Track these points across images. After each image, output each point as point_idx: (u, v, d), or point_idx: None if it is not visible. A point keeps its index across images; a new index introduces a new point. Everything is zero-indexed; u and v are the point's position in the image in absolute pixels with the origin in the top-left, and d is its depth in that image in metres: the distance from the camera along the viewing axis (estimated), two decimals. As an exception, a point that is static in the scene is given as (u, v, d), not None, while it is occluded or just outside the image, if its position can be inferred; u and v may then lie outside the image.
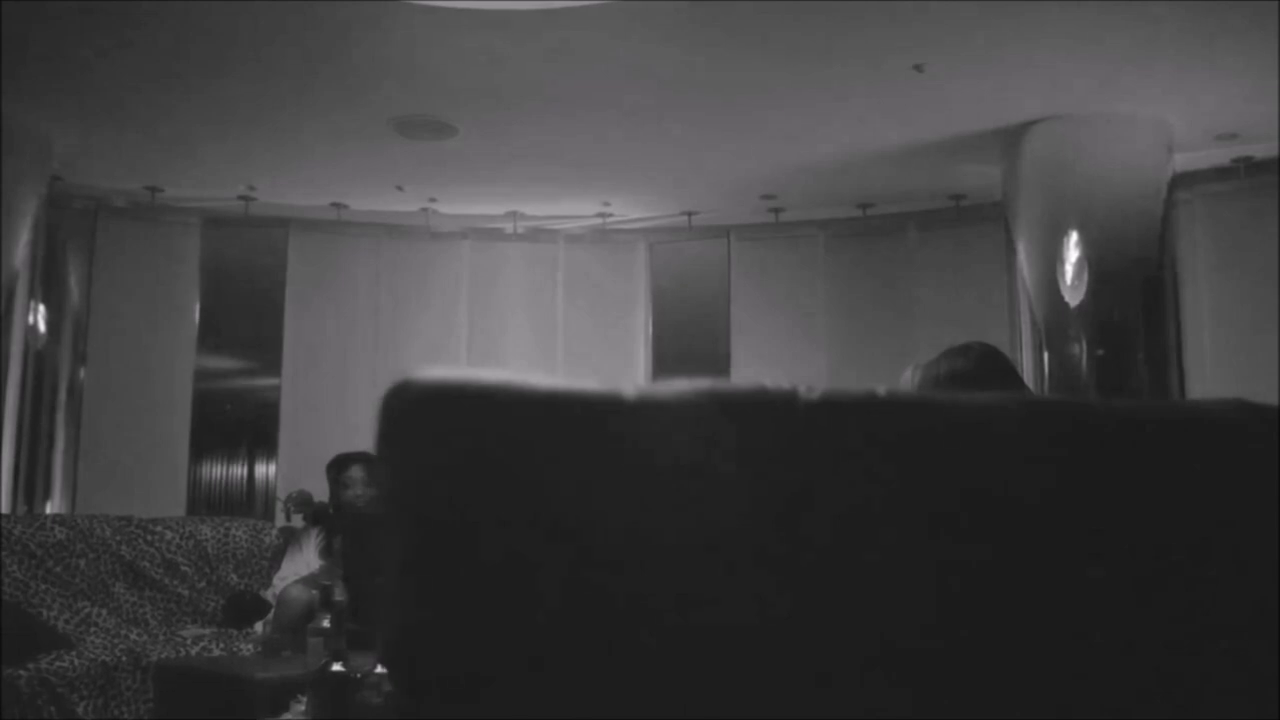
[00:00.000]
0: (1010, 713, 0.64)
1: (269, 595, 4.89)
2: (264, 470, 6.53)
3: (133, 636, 4.71)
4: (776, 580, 0.62)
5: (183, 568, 5.20)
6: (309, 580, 4.63)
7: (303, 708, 2.93)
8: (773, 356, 6.48)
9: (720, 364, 6.56)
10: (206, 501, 6.39)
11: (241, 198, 6.25)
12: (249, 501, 6.48)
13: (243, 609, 5.05)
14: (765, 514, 0.62)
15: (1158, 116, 5.03)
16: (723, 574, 0.62)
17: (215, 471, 6.49)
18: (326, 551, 4.81)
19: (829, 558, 0.63)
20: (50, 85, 4.74)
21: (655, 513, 0.61)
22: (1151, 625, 0.66)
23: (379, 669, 2.75)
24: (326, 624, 3.11)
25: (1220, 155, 5.49)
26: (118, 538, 5.11)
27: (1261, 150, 5.44)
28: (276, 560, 5.10)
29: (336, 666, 2.75)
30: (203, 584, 5.22)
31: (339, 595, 4.37)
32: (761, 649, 0.62)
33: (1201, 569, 0.67)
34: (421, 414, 0.62)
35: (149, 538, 5.18)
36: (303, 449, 5.99)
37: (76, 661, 4.33)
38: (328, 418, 6.38)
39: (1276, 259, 5.45)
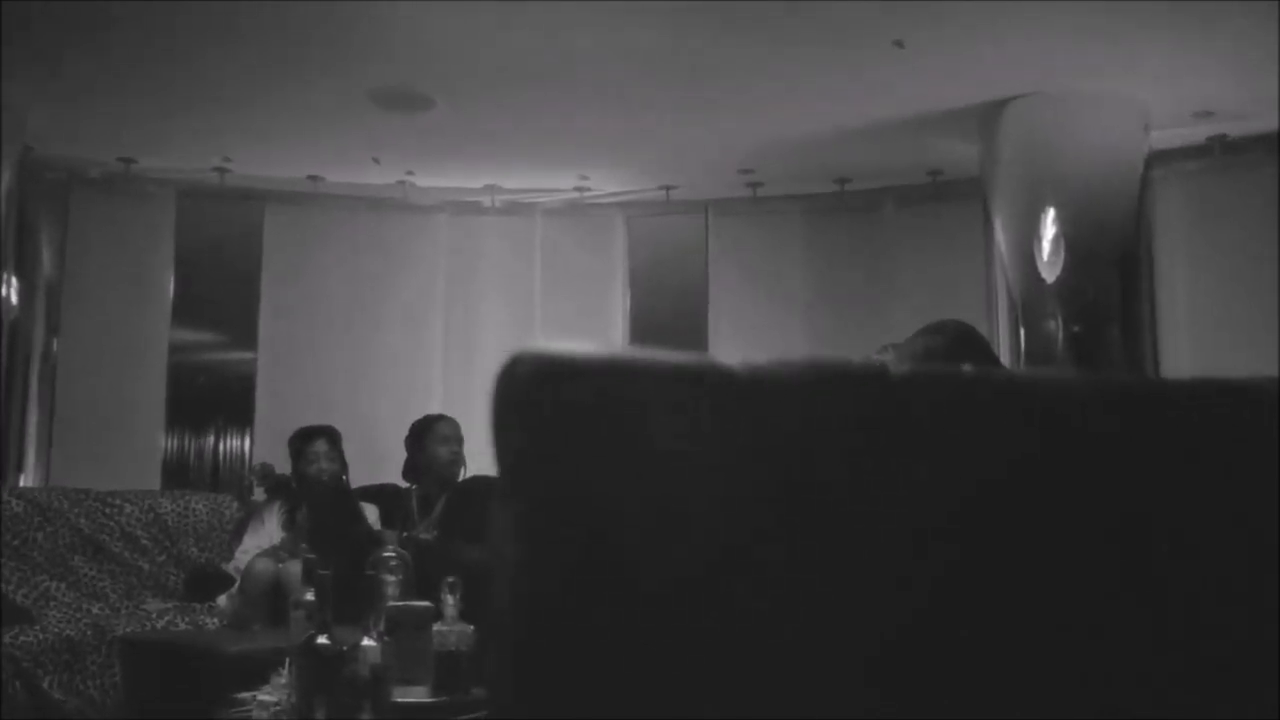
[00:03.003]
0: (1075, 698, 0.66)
1: (230, 569, 4.87)
2: (240, 444, 6.50)
3: (94, 610, 4.68)
4: (870, 555, 0.63)
5: (142, 541, 5.16)
6: (273, 553, 4.62)
7: (283, 681, 2.94)
8: (751, 331, 6.49)
9: (698, 339, 6.57)
10: (182, 475, 6.35)
11: (216, 170, 6.20)
12: (225, 475, 6.45)
13: (204, 582, 5.02)
14: (865, 488, 0.64)
15: (1134, 94, 5.05)
16: (826, 546, 0.63)
17: (191, 445, 6.47)
18: (289, 524, 4.80)
19: (922, 534, 0.64)
20: (22, 55, 4.68)
21: (764, 487, 0.62)
22: (1209, 610, 0.68)
23: (366, 641, 2.75)
24: (309, 597, 3.10)
25: (1196, 133, 5.52)
26: (75, 510, 5.07)
27: (1236, 128, 5.47)
28: (237, 533, 5.08)
29: (322, 640, 2.75)
30: (163, 557, 5.19)
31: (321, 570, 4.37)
32: (865, 623, 0.63)
33: (1241, 552, 0.68)
34: (536, 389, 0.62)
35: (108, 511, 5.14)
36: (278, 422, 5.95)
37: (40, 636, 4.31)
38: (304, 391, 6.36)
39: (1251, 236, 5.49)
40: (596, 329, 6.78)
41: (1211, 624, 0.68)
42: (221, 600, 4.72)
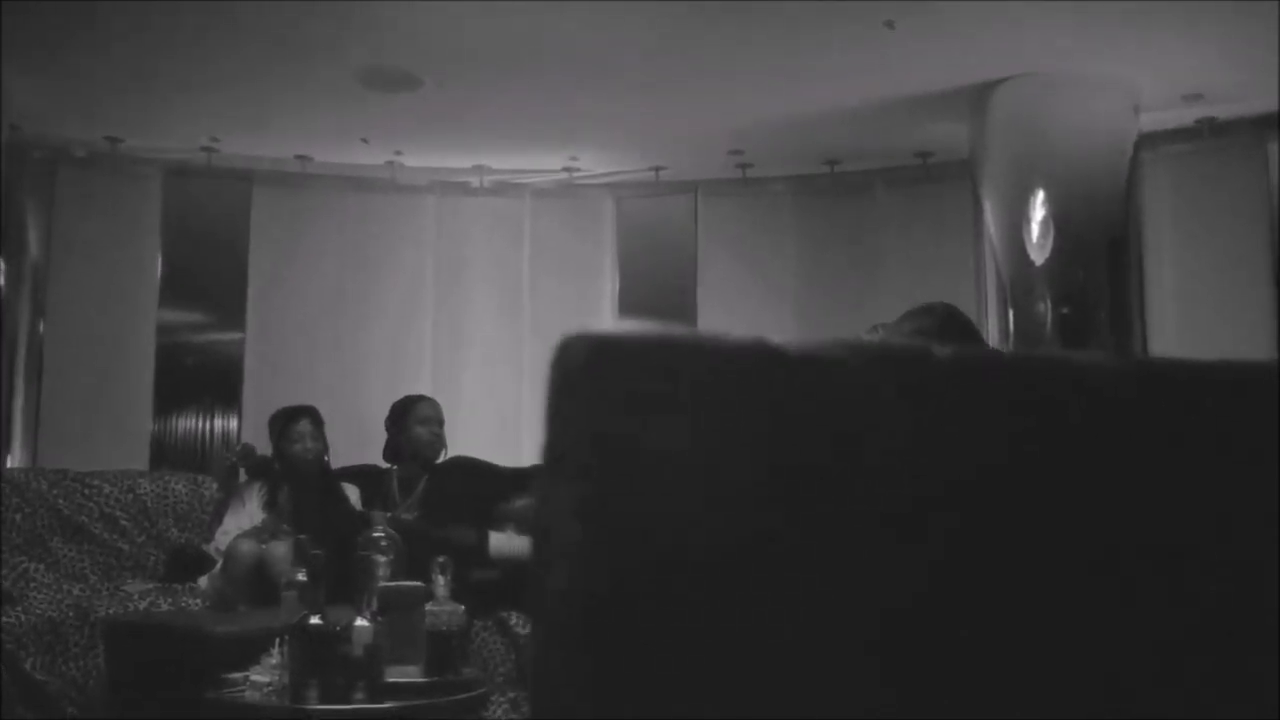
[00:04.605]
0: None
1: (210, 549, 4.86)
2: (228, 425, 6.48)
3: (74, 592, 4.66)
4: (918, 537, 0.64)
5: (122, 522, 5.14)
6: (255, 534, 4.62)
7: (274, 661, 2.94)
8: (740, 312, 6.50)
9: (687, 319, 6.56)
10: (170, 456, 6.33)
11: (204, 149, 6.17)
12: (214, 456, 6.43)
13: (186, 563, 5.01)
14: (911, 472, 0.64)
15: (1125, 76, 5.06)
16: (867, 528, 0.64)
17: (179, 426, 6.45)
18: (270, 505, 4.80)
19: (964, 516, 0.64)
20: (8, 33, 4.64)
21: (818, 464, 0.63)
22: (1222, 603, 0.68)
23: (359, 621, 2.76)
24: (302, 577, 3.11)
25: (1184, 116, 5.52)
26: (54, 491, 5.04)
27: (1226, 111, 5.47)
28: (217, 515, 5.07)
29: (315, 620, 2.75)
30: (142, 538, 5.16)
31: (284, 549, 4.38)
32: (905, 605, 0.64)
33: (1253, 538, 0.69)
34: (593, 369, 0.62)
35: (86, 491, 5.11)
36: (266, 403, 5.94)
37: (22, 617, 4.29)
38: (292, 372, 6.35)
39: (1239, 219, 5.51)
40: (585, 309, 6.77)
41: (1221, 615, 0.68)
42: (203, 581, 4.70)
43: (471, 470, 5.06)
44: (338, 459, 5.13)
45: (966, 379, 0.66)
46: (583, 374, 0.61)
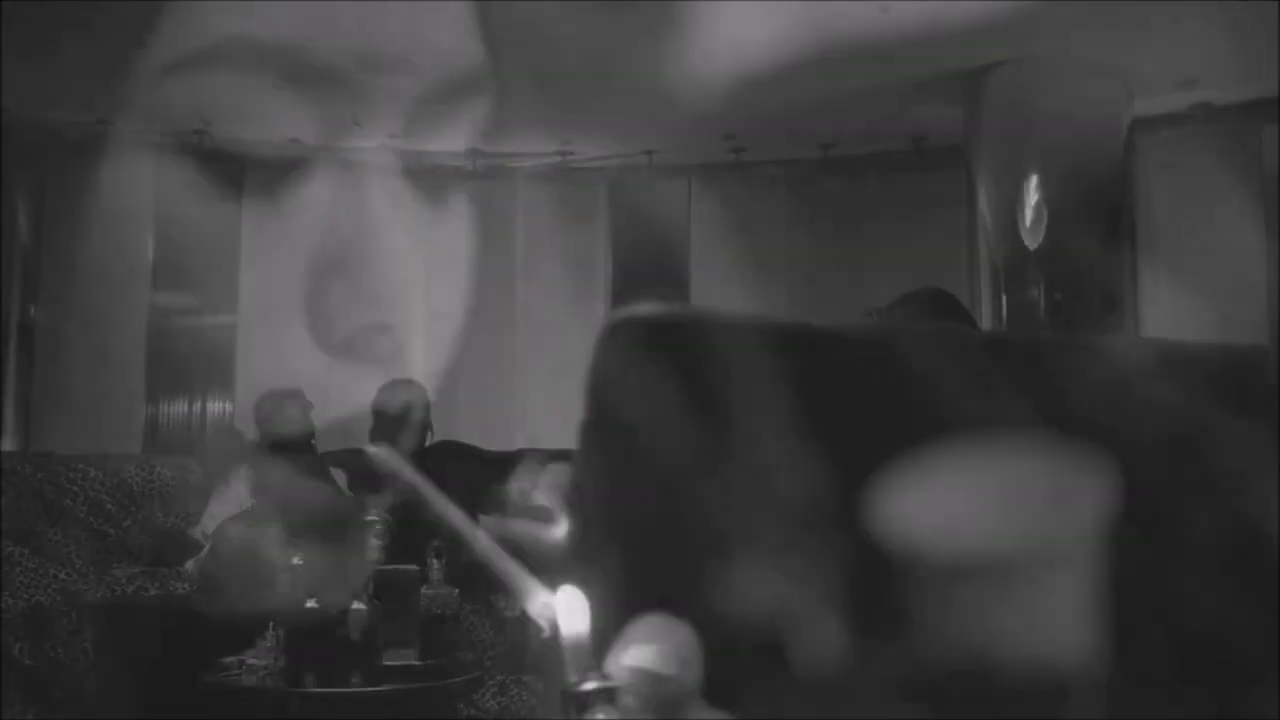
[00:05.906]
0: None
1: (197, 534, 4.85)
2: (222, 408, 6.47)
3: (61, 576, 4.65)
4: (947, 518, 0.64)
5: (108, 506, 5.12)
6: (243, 518, 4.61)
7: (268, 644, 2.95)
8: (733, 297, 6.49)
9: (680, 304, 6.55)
10: (164, 441, 6.32)
11: (196, 132, 6.14)
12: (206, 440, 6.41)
13: (173, 547, 5.00)
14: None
15: (1119, 61, 5.05)
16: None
17: (173, 410, 6.43)
18: (258, 489, 4.79)
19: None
20: (-2, 14, 4.62)
21: (848, 446, 0.63)
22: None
23: (355, 605, 2.76)
24: (297, 561, 3.11)
25: (1179, 101, 5.52)
26: (39, 475, 5.02)
27: (1220, 96, 5.47)
28: (204, 499, 5.06)
29: (311, 603, 2.76)
30: (128, 523, 5.15)
31: (273, 532, 4.38)
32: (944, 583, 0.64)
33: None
34: (646, 347, 0.62)
35: (71, 475, 5.09)
36: (260, 387, 5.93)
37: (10, 602, 4.28)
38: (286, 356, 6.32)
39: (1233, 204, 5.51)
40: (578, 294, 6.76)
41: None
42: (190, 565, 4.70)
43: (459, 454, 5.06)
44: (325, 443, 5.12)
45: (997, 360, 0.66)
46: (632, 353, 0.61)
